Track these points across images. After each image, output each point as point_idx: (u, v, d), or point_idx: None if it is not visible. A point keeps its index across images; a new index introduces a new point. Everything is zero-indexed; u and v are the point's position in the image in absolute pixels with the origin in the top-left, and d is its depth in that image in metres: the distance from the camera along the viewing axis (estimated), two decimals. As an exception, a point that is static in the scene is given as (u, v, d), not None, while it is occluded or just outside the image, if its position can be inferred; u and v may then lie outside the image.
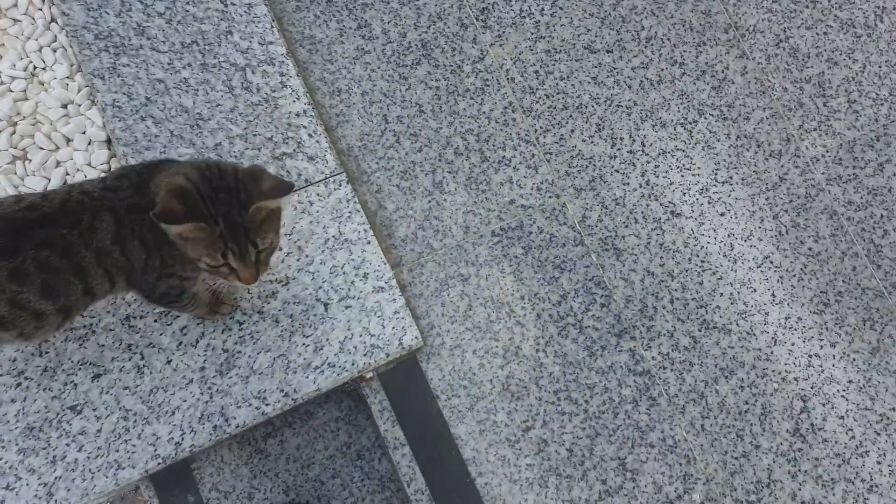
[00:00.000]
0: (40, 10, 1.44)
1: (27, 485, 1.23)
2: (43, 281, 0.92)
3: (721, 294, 1.53)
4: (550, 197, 1.55)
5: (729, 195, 1.60)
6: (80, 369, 1.30)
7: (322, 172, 1.43)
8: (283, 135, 1.43)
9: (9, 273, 0.89)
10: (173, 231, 0.90)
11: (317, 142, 1.44)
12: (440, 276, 1.48)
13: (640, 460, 1.42)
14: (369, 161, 1.51)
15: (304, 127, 1.44)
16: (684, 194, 1.60)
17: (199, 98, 1.40)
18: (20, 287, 0.91)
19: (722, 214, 1.59)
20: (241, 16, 1.47)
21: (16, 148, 1.38)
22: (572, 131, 1.60)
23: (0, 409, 1.25)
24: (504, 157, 1.56)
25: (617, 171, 1.59)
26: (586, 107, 1.62)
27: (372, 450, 1.66)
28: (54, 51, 1.42)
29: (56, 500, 1.23)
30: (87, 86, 1.41)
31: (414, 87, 1.56)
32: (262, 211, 0.94)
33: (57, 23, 1.44)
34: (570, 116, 1.61)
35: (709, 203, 1.59)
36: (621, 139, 1.62)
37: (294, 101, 1.45)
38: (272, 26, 1.48)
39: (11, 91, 1.39)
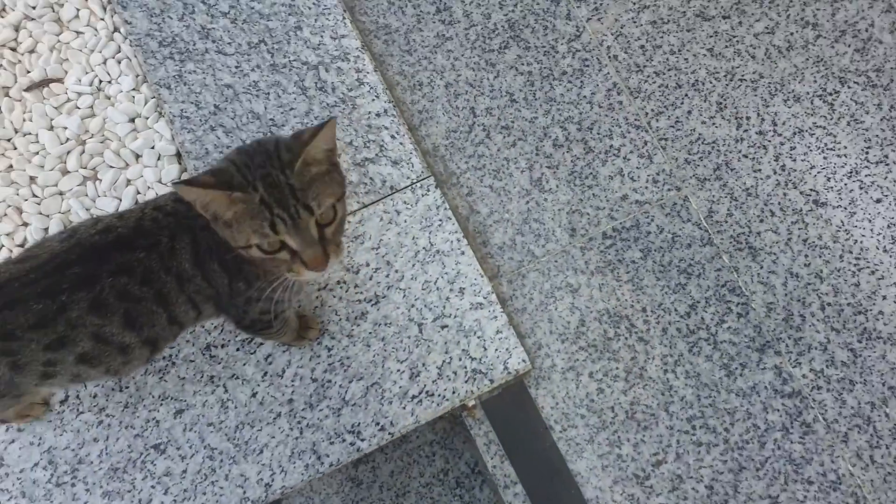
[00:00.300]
0: (102, 20, 1.34)
1: (112, 533, 1.14)
2: (125, 311, 0.80)
3: (884, 297, 1.28)
4: (669, 190, 1.34)
5: (885, 177, 1.35)
6: (161, 404, 1.19)
7: (408, 177, 1.28)
8: (363, 138, 1.28)
9: (89, 305, 0.77)
10: (209, 205, 0.73)
11: (400, 143, 1.29)
12: (545, 287, 1.30)
13: (797, 499, 1.19)
14: (458, 161, 1.34)
15: (386, 128, 1.29)
16: (829, 179, 1.35)
17: (270, 102, 1.28)
18: (102, 320, 0.79)
19: (878, 201, 1.34)
20: (310, 8, 1.33)
21: (85, 168, 1.29)
22: (689, 112, 1.39)
23: (83, 450, 1.17)
24: (612, 146, 1.36)
25: (745, 156, 1.36)
26: (703, 83, 1.40)
27: (471, 477, 1.51)
28: (119, 62, 1.33)
29: (142, 550, 1.13)
30: (154, 97, 1.31)
31: (503, 73, 1.38)
32: (311, 168, 0.76)
33: (120, 32, 1.34)
34: (686, 95, 1.39)
35: (860, 188, 1.34)
36: (748, 119, 1.38)
37: (373, 100, 1.30)
38: (343, 17, 1.33)
39: (79, 108, 1.31)
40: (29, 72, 1.32)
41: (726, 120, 1.38)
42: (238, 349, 1.21)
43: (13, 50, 1.33)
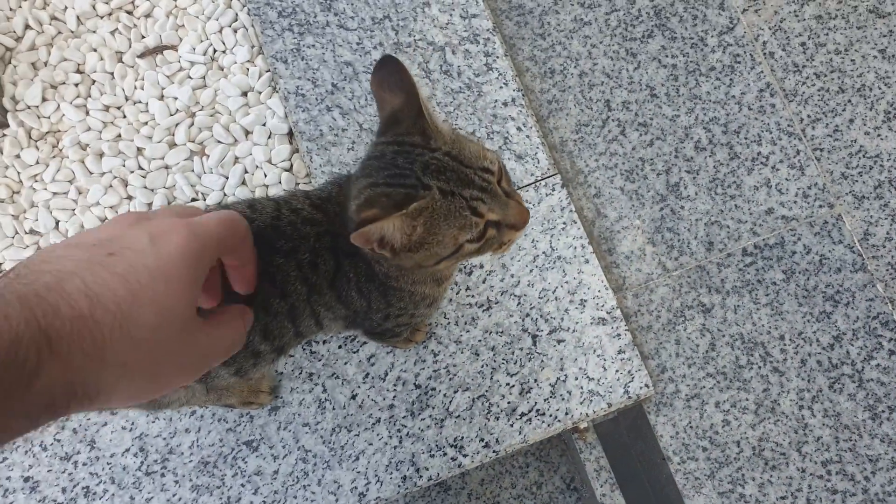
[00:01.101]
0: (220, -15, 1.27)
1: (201, 527, 1.10)
2: (264, 326, 0.72)
3: None
4: (821, 206, 1.20)
5: None
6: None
7: (532, 174, 1.17)
8: (487, 128, 1.18)
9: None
10: (386, 240, 0.60)
11: (527, 136, 1.18)
12: (675, 304, 1.18)
13: (955, 572, 1.05)
14: (587, 158, 1.23)
15: (513, 118, 1.18)
16: None
17: (391, 84, 1.18)
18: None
19: None
20: (438, -16, 1.23)
21: (193, 142, 1.23)
22: (851, 121, 1.23)
23: (175, 439, 1.12)
24: (759, 153, 1.22)
25: (915, 173, 1.20)
26: (871, 89, 1.24)
27: (566, 493, 1.42)
28: (235, 31, 1.26)
29: (231, 548, 1.09)
30: (269, 70, 1.24)
31: (644, 65, 1.25)
32: (442, 127, 0.63)
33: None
34: (849, 101, 1.23)
35: None
36: (919, 131, 1.22)
37: (501, 88, 1.19)
38: (475, -5, 1.22)
39: (191, 78, 1.25)
40: (144, 37, 1.27)
41: (894, 132, 1.22)
42: (340, 346, 1.14)
43: (129, 13, 1.28)
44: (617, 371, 1.11)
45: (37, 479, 1.12)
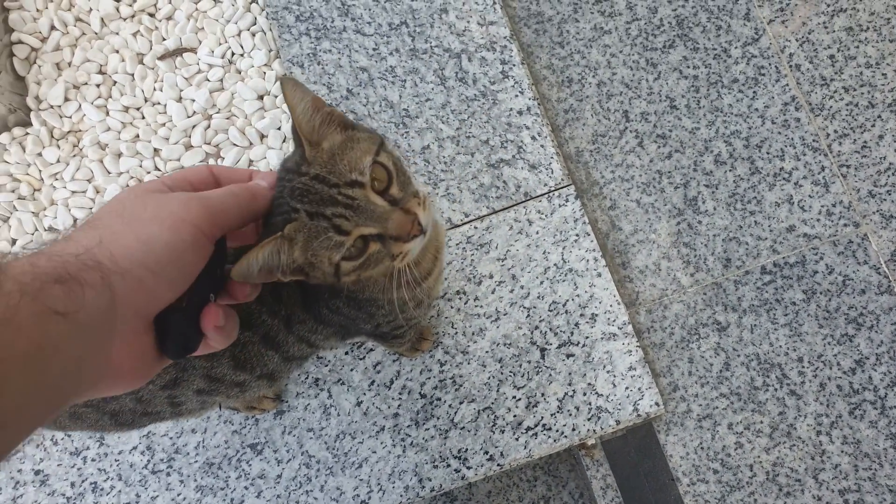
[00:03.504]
0: (241, -12, 1.28)
1: (203, 528, 1.10)
2: (231, 355, 0.72)
3: None
4: (846, 225, 1.16)
5: None
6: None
7: (545, 184, 1.15)
8: (501, 137, 1.16)
9: None
10: (289, 263, 0.58)
11: (541, 146, 1.16)
12: (689, 322, 1.15)
13: None
14: (602, 169, 1.21)
15: (527, 128, 1.16)
16: None
17: (406, 91, 1.18)
18: (209, 362, 0.72)
19: None
20: (457, -10, 1.22)
21: (209, 144, 1.24)
22: (881, 137, 1.19)
23: (181, 439, 1.13)
24: (782, 168, 1.18)
25: (946, 193, 1.16)
26: (902, 103, 1.19)
27: (574, 510, 1.39)
28: (253, 35, 1.27)
29: (232, 551, 1.09)
30: (285, 74, 1.24)
31: (665, 75, 1.22)
32: (322, 146, 0.59)
33: (257, 2, 1.28)
34: (879, 117, 1.19)
35: None
36: (953, 149, 1.17)
37: (516, 96, 1.17)
38: (494, 2, 1.21)
39: (208, 80, 1.26)
40: (164, 39, 1.28)
41: (926, 149, 1.17)
42: (347, 353, 1.13)
43: (151, 16, 1.30)
44: (627, 388, 1.09)
45: (47, 473, 1.14)
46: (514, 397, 1.10)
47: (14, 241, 1.24)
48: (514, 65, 1.18)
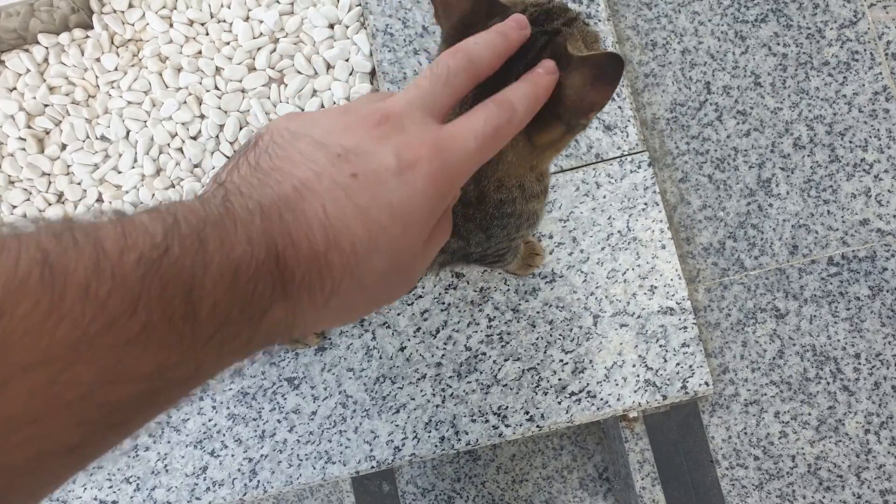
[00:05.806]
0: None
1: (232, 456, 1.09)
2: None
3: None
4: (922, 225, 1.12)
5: None
6: (304, 335, 1.12)
7: (619, 147, 1.11)
8: (578, 93, 1.12)
9: None
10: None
11: (619, 107, 1.12)
12: (747, 305, 1.12)
13: None
14: (677, 139, 1.16)
15: (607, 86, 1.12)
16: None
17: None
18: None
19: None
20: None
21: (273, 69, 1.20)
22: (969, 138, 1.14)
23: (219, 364, 1.11)
24: (863, 159, 1.14)
25: None
26: None
27: (597, 482, 1.38)
28: (329, -41, 1.22)
29: (259, 482, 1.08)
30: (360, 5, 1.19)
31: (753, 50, 1.17)
32: None
33: (336, -73, 1.22)
34: (970, 117, 1.14)
35: None
36: None
37: (599, 52, 1.13)
38: (584, -48, 1.16)
39: (278, 2, 1.21)
40: (237, -46, 1.23)
41: None
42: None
43: (225, -72, 1.25)
44: (678, 364, 1.07)
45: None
46: (562, 360, 1.08)
47: (64, 146, 1.21)
48: (599, 20, 1.13)
